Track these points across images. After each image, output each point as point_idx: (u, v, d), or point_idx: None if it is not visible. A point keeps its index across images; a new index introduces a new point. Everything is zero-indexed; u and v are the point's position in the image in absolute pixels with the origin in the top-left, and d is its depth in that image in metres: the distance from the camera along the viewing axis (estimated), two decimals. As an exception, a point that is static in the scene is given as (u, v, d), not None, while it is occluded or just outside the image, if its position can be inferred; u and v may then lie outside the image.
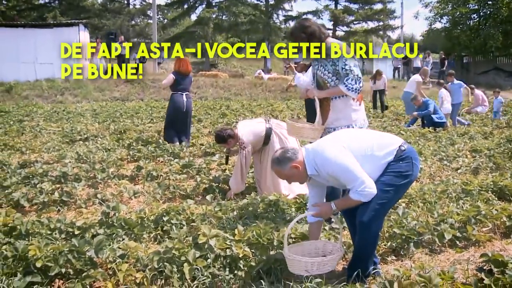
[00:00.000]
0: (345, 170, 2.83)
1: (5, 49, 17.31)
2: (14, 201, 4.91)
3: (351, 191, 2.87)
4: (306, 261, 3.00)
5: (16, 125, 10.30)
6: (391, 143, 2.99)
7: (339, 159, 2.83)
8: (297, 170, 2.96)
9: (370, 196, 2.84)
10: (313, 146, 3.05)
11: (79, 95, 16.63)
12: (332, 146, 2.92)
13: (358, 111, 3.86)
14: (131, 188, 5.32)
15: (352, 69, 3.65)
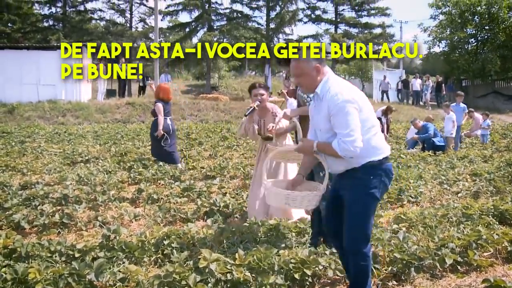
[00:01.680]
0: (349, 120, 2.79)
1: (9, 70, 17.46)
2: (14, 222, 4.91)
3: (336, 139, 2.83)
4: (288, 194, 3.03)
5: (17, 146, 10.33)
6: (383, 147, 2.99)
7: (352, 108, 2.81)
8: (316, 74, 2.97)
9: (347, 153, 2.79)
10: (337, 80, 3.02)
11: (80, 116, 16.70)
12: (353, 97, 2.86)
13: None
14: (131, 211, 5.33)
15: None
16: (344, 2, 31.19)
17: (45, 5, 34.75)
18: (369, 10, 31.46)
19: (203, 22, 31.37)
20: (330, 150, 2.87)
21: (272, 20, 30.70)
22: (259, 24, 32.03)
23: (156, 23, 22.68)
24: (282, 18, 29.16)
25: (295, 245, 4.11)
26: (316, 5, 31.64)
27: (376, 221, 4.67)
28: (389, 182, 3.02)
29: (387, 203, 5.77)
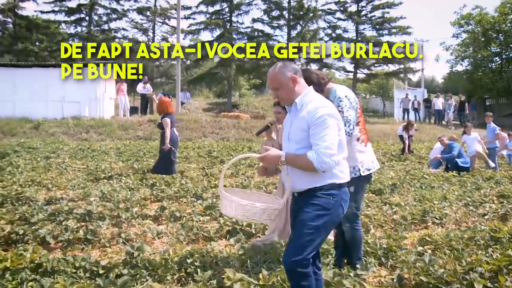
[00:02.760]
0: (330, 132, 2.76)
1: (35, 88, 17.86)
2: (40, 237, 4.98)
3: (313, 149, 2.76)
4: (244, 204, 2.89)
5: (43, 162, 10.50)
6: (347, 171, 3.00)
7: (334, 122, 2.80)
8: (291, 86, 2.91)
9: (325, 166, 2.73)
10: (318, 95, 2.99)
11: (103, 133, 16.93)
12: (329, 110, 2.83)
13: (364, 153, 3.85)
14: (154, 229, 5.34)
15: (343, 110, 3.66)
16: (365, 21, 31.26)
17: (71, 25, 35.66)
18: (390, 29, 31.44)
19: (224, 41, 31.69)
20: (302, 161, 2.77)
21: (293, 39, 30.86)
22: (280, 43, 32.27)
23: (178, 41, 23.01)
24: (303, 36, 29.32)
25: (319, 266, 4.06)
26: (337, 24, 31.79)
27: (400, 243, 4.60)
28: (345, 208, 2.96)
29: (411, 224, 5.68)
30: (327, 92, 3.82)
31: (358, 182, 3.79)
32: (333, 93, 3.76)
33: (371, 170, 3.87)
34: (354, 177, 3.74)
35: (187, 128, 17.99)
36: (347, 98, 3.72)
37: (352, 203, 3.77)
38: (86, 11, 34.65)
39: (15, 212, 5.98)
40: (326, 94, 3.81)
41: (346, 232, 3.93)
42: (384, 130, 19.89)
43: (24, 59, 29.27)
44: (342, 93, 3.75)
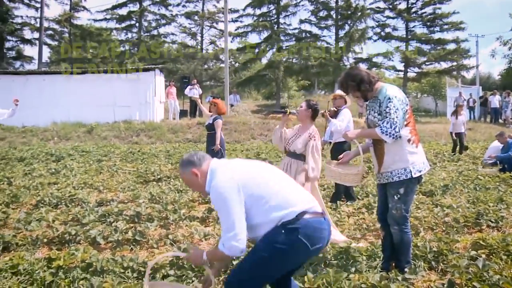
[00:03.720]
0: (225, 213, 2.63)
1: (88, 93, 18.57)
2: (91, 238, 5.13)
3: (220, 239, 2.68)
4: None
5: (95, 165, 10.85)
6: (295, 204, 2.70)
7: (226, 198, 2.63)
8: (196, 178, 2.83)
9: (234, 249, 2.60)
10: (218, 165, 2.85)
11: (153, 136, 17.31)
12: (228, 179, 2.69)
13: (415, 154, 3.73)
14: (201, 230, 5.38)
15: (391, 112, 3.57)
16: (416, 19, 30.44)
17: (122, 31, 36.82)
18: (442, 25, 30.46)
19: (272, 43, 31.82)
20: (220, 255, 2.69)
21: (341, 39, 30.54)
22: (328, 44, 32.04)
23: (226, 45, 23.25)
24: (352, 36, 28.94)
25: (366, 269, 3.96)
26: (386, 23, 31.14)
27: (452, 246, 4.42)
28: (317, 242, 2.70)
29: (463, 227, 5.46)
30: (375, 91, 3.77)
31: (408, 184, 3.70)
32: (383, 93, 3.68)
33: (422, 172, 3.75)
34: (405, 179, 3.66)
35: (236, 130, 18.10)
36: (396, 99, 3.62)
37: (401, 205, 3.68)
38: (136, 17, 35.73)
39: (68, 213, 6.23)
40: (375, 93, 3.78)
41: (394, 234, 3.83)
42: (436, 130, 19.29)
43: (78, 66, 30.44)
44: (392, 92, 3.66)
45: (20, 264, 4.21)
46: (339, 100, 7.00)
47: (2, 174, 9.46)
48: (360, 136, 3.81)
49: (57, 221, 5.87)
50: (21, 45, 34.89)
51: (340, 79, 3.97)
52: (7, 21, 32.35)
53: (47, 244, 5.15)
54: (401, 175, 3.67)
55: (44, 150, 13.34)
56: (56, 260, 4.19)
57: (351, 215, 6.14)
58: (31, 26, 33.38)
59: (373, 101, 3.79)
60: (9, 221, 6.00)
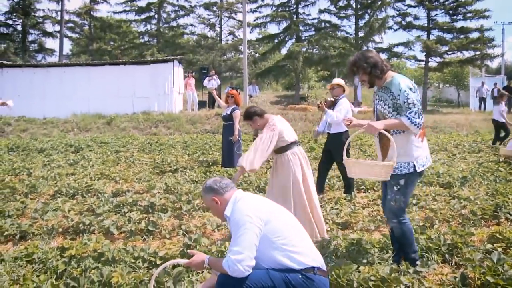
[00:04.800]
0: (241, 237, 2.73)
1: (108, 85, 18.75)
2: (105, 228, 5.18)
3: (227, 257, 2.75)
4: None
5: (113, 156, 10.95)
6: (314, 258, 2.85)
7: (247, 222, 2.75)
8: (216, 205, 3.00)
9: (238, 273, 2.68)
10: (244, 196, 3.01)
11: (172, 127, 17.38)
12: (254, 210, 2.83)
13: (420, 148, 3.67)
14: (214, 221, 5.38)
15: (415, 102, 3.52)
16: (437, 7, 29.75)
17: (141, 23, 37.01)
18: (465, 13, 29.63)
19: (291, 33, 31.56)
20: (221, 267, 2.78)
21: (361, 28, 30.11)
22: (348, 33, 31.64)
23: (245, 35, 23.13)
24: (371, 26, 28.47)
25: (377, 261, 3.91)
26: (407, 11, 30.45)
27: (467, 239, 4.33)
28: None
29: (480, 220, 5.34)
30: (384, 81, 3.69)
31: (409, 176, 3.64)
32: (396, 85, 3.59)
33: (425, 166, 3.70)
34: (408, 173, 3.61)
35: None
36: (412, 91, 3.55)
37: (400, 197, 3.63)
38: (155, 9, 35.86)
39: (84, 203, 6.31)
40: (384, 83, 3.70)
41: (394, 228, 3.78)
42: (458, 121, 18.95)
43: (98, 58, 30.76)
44: (406, 84, 3.57)
45: (34, 252, 4.30)
46: (337, 89, 6.82)
47: (23, 165, 9.62)
48: (386, 127, 3.62)
49: (72, 211, 5.96)
50: (43, 38, 35.38)
51: (352, 58, 3.83)
52: (29, 15, 32.80)
53: (62, 234, 5.23)
54: (404, 169, 3.62)
55: (63, 141, 13.52)
56: (69, 249, 4.25)
57: (365, 206, 6.08)
58: (53, 19, 33.79)
59: (384, 92, 3.70)
60: (27, 211, 6.12)
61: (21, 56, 31.65)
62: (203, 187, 3.10)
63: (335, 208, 5.88)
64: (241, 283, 2.72)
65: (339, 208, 5.87)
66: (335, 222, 5.32)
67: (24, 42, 33.63)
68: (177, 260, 3.15)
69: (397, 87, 3.57)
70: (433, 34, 30.08)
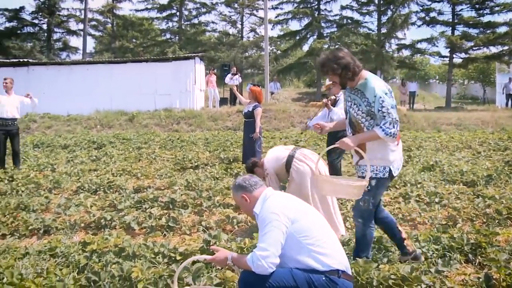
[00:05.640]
0: (267, 233, 2.71)
1: (130, 82, 18.93)
2: (126, 223, 5.24)
3: (252, 252, 2.73)
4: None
5: (134, 152, 11.05)
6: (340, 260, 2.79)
7: (274, 220, 2.73)
8: (245, 202, 3.01)
9: (261, 269, 2.66)
10: (274, 193, 3.00)
11: (193, 124, 17.45)
12: (282, 207, 2.81)
13: (396, 152, 3.56)
14: (234, 218, 5.39)
15: (390, 111, 3.36)
16: (463, 1, 29.07)
17: (163, 20, 37.28)
18: (493, 7, 28.88)
19: (313, 30, 31.42)
20: (245, 264, 2.75)
21: (384, 25, 29.77)
22: (370, 30, 31.31)
23: (266, 32, 23.06)
24: (394, 22, 28.12)
25: (397, 260, 3.86)
26: (430, 7, 29.86)
27: (492, 239, 4.23)
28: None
29: (506, 220, 5.21)
30: (357, 82, 3.54)
31: (382, 180, 3.55)
32: (370, 90, 3.41)
33: (399, 169, 3.63)
34: (383, 178, 3.52)
35: (276, 118, 18.01)
36: (387, 96, 3.39)
37: (370, 198, 3.55)
38: (176, 6, 36.06)
39: (106, 199, 6.39)
40: (356, 85, 3.55)
41: (357, 228, 3.70)
42: (483, 118, 18.57)
43: (121, 55, 31.08)
44: (380, 89, 3.39)
45: (57, 247, 4.38)
46: (334, 89, 6.71)
47: (47, 161, 9.79)
48: (360, 141, 3.49)
49: (94, 206, 6.04)
50: (67, 36, 35.87)
51: (321, 58, 3.61)
52: (54, 14, 33.32)
53: (84, 229, 5.31)
54: (379, 173, 3.51)
55: (86, 137, 13.70)
56: (91, 244, 4.31)
57: (387, 204, 6.00)
58: (76, 17, 34.23)
59: (356, 95, 3.55)
60: (51, 206, 6.24)
61: (46, 54, 32.18)
62: (233, 184, 3.11)
63: (356, 205, 5.82)
64: (264, 280, 2.69)
65: (360, 205, 5.81)
66: (356, 220, 5.27)
67: (49, 41, 34.18)
68: (201, 256, 3.16)
69: (372, 92, 3.40)
70: (458, 29, 29.49)
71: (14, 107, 8.79)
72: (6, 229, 5.30)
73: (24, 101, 8.92)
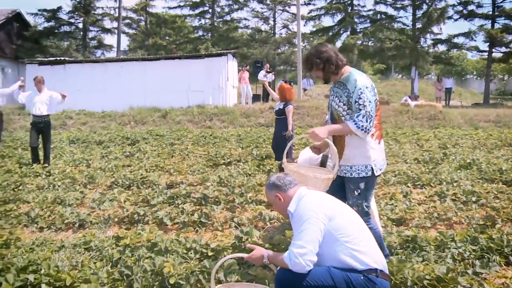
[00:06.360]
0: (304, 231, 2.68)
1: (163, 79, 19.15)
2: (158, 218, 5.29)
3: (289, 250, 2.66)
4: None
5: (167, 148, 11.16)
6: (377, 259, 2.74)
7: (311, 217, 2.70)
8: (279, 202, 2.99)
9: (298, 267, 2.62)
10: (308, 192, 2.95)
11: (226, 120, 17.50)
12: (318, 205, 2.78)
13: (377, 150, 3.47)
14: (267, 214, 5.36)
15: (365, 104, 3.30)
16: (505, -6, 27.97)
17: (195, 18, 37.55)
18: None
19: (346, 25, 31.08)
20: (281, 262, 2.74)
21: (419, 19, 29.10)
22: (405, 25, 30.68)
23: (299, 28, 22.88)
24: (430, 16, 27.43)
25: (433, 259, 3.76)
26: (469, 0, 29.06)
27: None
28: None
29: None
30: (340, 76, 3.52)
31: (368, 180, 3.46)
32: (351, 82, 3.39)
33: (382, 169, 3.52)
34: (366, 176, 3.43)
35: (308, 114, 17.88)
36: (368, 90, 3.35)
37: (362, 201, 3.47)
38: (209, 3, 36.26)
39: (139, 194, 6.47)
40: (340, 78, 3.52)
41: None
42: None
43: (154, 53, 31.45)
44: (362, 82, 3.38)
45: (91, 241, 4.46)
46: None
47: (82, 156, 10.00)
48: (331, 133, 3.49)
49: (128, 201, 6.12)
50: (101, 34, 36.54)
51: (306, 54, 3.67)
52: (89, 13, 34.00)
53: (117, 223, 5.39)
54: (361, 172, 3.43)
55: (120, 134, 13.93)
56: (124, 238, 4.37)
57: (422, 203, 5.87)
58: (111, 16, 34.81)
59: (339, 87, 3.53)
60: (86, 201, 6.36)
61: (82, 52, 32.85)
62: (267, 183, 3.09)
63: (390, 204, 5.71)
64: (301, 279, 2.65)
65: (394, 204, 5.70)
66: (389, 218, 5.16)
67: (85, 39, 34.89)
68: (237, 255, 3.14)
69: (353, 83, 3.38)
70: (498, 22, 28.53)
71: (43, 104, 9.05)
72: (44, 222, 5.45)
73: (53, 96, 9.14)
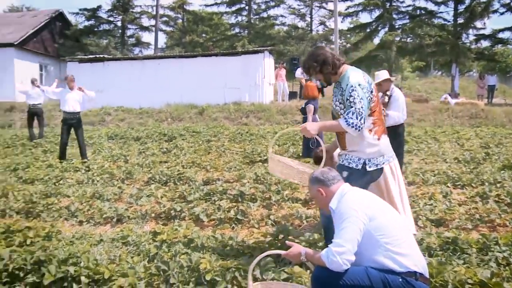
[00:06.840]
0: (344, 229, 2.64)
1: (200, 76, 19.30)
2: (195, 215, 5.32)
3: (327, 248, 2.66)
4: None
5: (204, 145, 11.23)
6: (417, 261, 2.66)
7: (352, 216, 2.66)
8: (321, 196, 2.95)
9: (335, 265, 2.58)
10: (352, 189, 2.91)
11: (262, 117, 17.48)
12: (360, 203, 2.74)
13: (376, 146, 3.42)
14: (303, 212, 5.32)
15: (356, 101, 3.27)
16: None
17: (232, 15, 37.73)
18: None
19: (384, 22, 30.49)
20: (318, 260, 2.70)
21: (461, 14, 28.23)
22: (446, 20, 29.83)
23: (336, 25, 22.61)
24: (473, 11, 26.53)
25: (475, 263, 3.62)
26: (516, -8, 27.91)
27: None
28: None
29: None
30: (339, 76, 3.51)
31: (355, 172, 3.41)
32: (345, 80, 3.39)
33: (378, 166, 3.44)
34: (353, 168, 3.40)
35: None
36: (360, 87, 3.32)
37: None
38: (245, 1, 36.36)
39: (175, 190, 6.53)
40: (338, 78, 3.51)
41: None
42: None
43: (191, 50, 31.77)
44: (354, 80, 3.36)
45: (129, 235, 4.53)
46: (385, 84, 6.29)
47: (120, 152, 10.19)
48: (322, 129, 3.55)
49: (164, 197, 6.19)
50: (139, 32, 37.18)
51: (303, 60, 3.72)
52: (128, 11, 34.66)
53: (154, 219, 5.45)
54: (352, 162, 3.43)
55: (158, 130, 14.10)
56: (161, 234, 4.41)
57: (462, 203, 5.68)
58: (149, 14, 35.39)
59: (337, 87, 3.54)
60: (123, 196, 6.47)
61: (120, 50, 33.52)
62: (310, 177, 3.07)
63: (429, 204, 5.55)
64: (338, 278, 2.61)
65: (433, 204, 5.54)
66: (428, 218, 5.01)
67: (123, 37, 35.59)
68: (275, 251, 3.11)
69: (346, 81, 3.40)
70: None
71: (75, 101, 9.29)
72: (83, 216, 5.57)
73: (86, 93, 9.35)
